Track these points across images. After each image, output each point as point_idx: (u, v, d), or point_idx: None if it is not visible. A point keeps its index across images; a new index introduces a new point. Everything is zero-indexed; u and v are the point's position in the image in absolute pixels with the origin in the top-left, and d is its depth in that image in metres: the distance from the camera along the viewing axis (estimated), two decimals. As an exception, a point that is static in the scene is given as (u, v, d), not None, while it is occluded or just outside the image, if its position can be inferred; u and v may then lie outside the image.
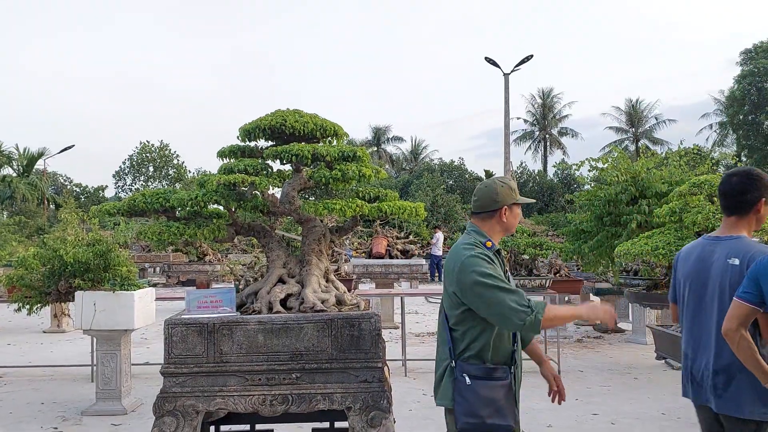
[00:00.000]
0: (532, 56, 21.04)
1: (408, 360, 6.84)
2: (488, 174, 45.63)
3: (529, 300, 2.30)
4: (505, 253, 6.82)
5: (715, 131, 41.01)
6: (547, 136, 48.78)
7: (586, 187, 7.21)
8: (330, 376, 3.18)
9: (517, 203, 2.54)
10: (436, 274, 18.64)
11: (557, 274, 8.99)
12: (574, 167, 6.88)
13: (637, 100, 46.57)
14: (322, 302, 3.27)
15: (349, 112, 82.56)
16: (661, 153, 8.13)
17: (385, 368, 3.61)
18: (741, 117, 37.40)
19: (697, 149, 8.29)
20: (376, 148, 50.36)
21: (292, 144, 3.17)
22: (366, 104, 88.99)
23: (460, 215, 22.03)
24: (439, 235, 18.80)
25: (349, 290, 6.97)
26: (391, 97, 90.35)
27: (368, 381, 3.20)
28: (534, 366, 2.77)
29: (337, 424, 3.57)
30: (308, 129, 3.27)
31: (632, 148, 43.44)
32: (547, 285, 6.69)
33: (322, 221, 3.55)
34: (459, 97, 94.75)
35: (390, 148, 51.69)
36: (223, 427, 3.70)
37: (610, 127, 47.20)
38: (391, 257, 9.73)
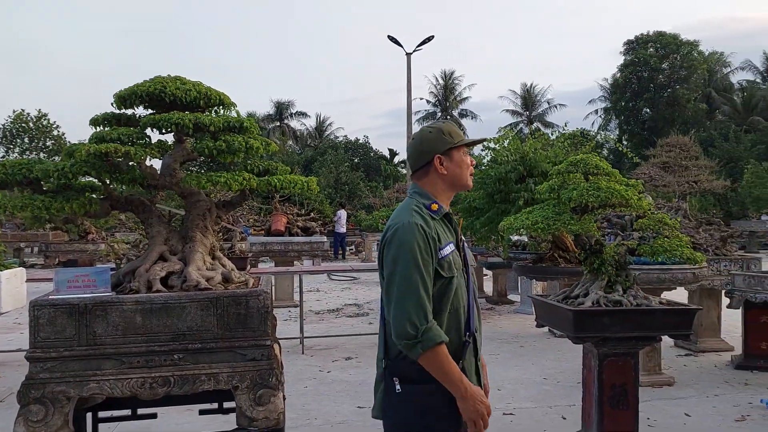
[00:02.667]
0: (433, 37, 21.32)
1: (305, 337, 6.80)
2: (392, 153, 46.15)
3: (427, 324, 1.93)
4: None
5: (600, 116, 43.70)
6: (449, 117, 49.89)
7: (483, 167, 7.43)
8: (215, 356, 3.07)
9: (454, 147, 2.11)
10: (340, 252, 18.68)
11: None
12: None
13: (531, 85, 48.68)
14: (207, 280, 3.14)
15: (250, 84, 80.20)
16: (552, 135, 8.52)
17: (275, 346, 3.55)
18: (623, 103, 40.10)
19: (580, 132, 8.75)
20: (278, 123, 49.33)
21: (172, 112, 2.99)
22: (268, 78, 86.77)
23: (363, 192, 22.15)
24: (342, 213, 18.80)
25: (243, 269, 6.80)
26: (296, 72, 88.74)
27: (256, 359, 3.13)
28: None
29: (226, 404, 3.48)
30: (191, 97, 3.09)
31: (526, 130, 45.48)
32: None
33: (208, 195, 3.40)
34: (365, 76, 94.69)
35: (294, 124, 50.81)
36: (101, 414, 3.51)
37: (507, 110, 49.14)
38: (291, 235, 9.58)
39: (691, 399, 4.90)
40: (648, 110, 39.32)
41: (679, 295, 8.08)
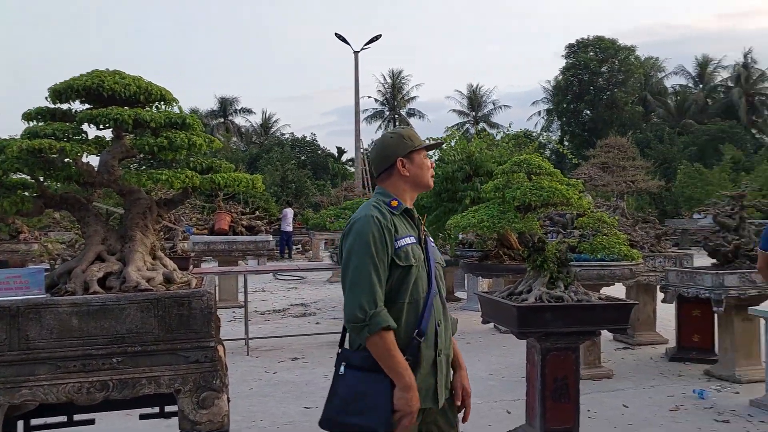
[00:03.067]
0: (380, 36, 21.38)
1: (251, 338, 6.69)
2: (340, 151, 46.00)
3: (376, 309, 1.98)
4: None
5: (543, 118, 44.87)
6: (396, 116, 50.15)
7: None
8: (156, 359, 2.98)
9: (416, 150, 2.22)
10: (286, 251, 18.48)
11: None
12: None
13: (477, 86, 49.50)
14: (148, 281, 3.04)
15: (193, 79, 78.36)
16: (497, 136, 8.68)
17: (219, 347, 3.48)
18: (564, 105, 41.28)
19: (524, 132, 8.95)
20: (222, 120, 48.39)
21: (110, 107, 2.87)
22: (212, 73, 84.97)
23: (310, 191, 21.95)
24: (288, 211, 18.60)
25: (186, 268, 6.63)
26: (241, 67, 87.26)
27: (199, 361, 3.05)
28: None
29: (168, 408, 3.38)
30: (130, 92, 2.98)
31: (473, 130, 46.21)
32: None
33: (148, 193, 3.29)
34: (312, 74, 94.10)
35: (239, 121, 49.94)
36: (34, 421, 3.35)
37: (454, 110, 49.83)
38: (235, 234, 9.41)
39: (628, 390, 5.09)
40: (588, 112, 40.62)
41: (617, 291, 8.39)
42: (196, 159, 3.37)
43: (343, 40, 21.48)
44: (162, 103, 3.22)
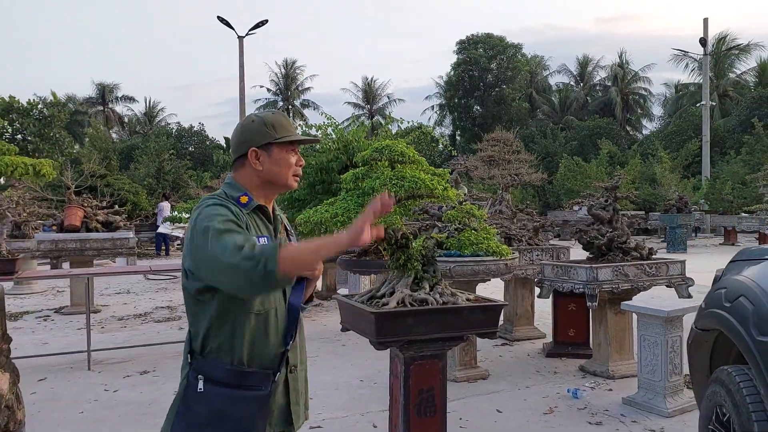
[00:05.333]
0: (267, 21, 20.42)
1: (93, 350, 5.82)
2: (228, 142, 44.13)
3: (259, 247, 1.68)
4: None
5: (435, 112, 45.57)
6: (290, 106, 49.00)
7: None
8: None
9: (276, 143, 1.87)
10: (163, 248, 17.17)
11: (277, 245, 8.68)
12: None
13: (372, 79, 49.43)
14: None
15: (67, 64, 72.52)
16: (393, 129, 8.28)
17: (3, 376, 2.76)
18: (456, 100, 42.12)
19: (419, 126, 8.63)
20: (101, 108, 45.00)
21: None
22: (89, 58, 79.09)
23: (188, 183, 20.53)
24: (165, 205, 17.30)
25: (11, 273, 5.63)
26: (121, 53, 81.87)
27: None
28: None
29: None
30: None
31: (368, 123, 46.08)
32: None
33: None
34: (204, 62, 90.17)
35: (120, 109, 46.65)
36: None
37: (349, 103, 49.41)
38: (88, 230, 8.35)
39: (503, 393, 4.82)
40: (478, 107, 41.69)
41: (497, 286, 8.28)
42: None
43: (227, 24, 20.32)
44: None
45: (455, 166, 7.00)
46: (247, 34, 20.76)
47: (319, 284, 10.31)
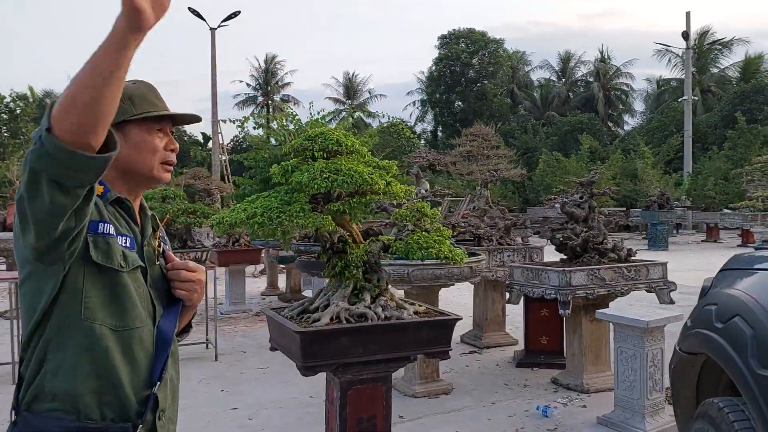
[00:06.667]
0: (239, 12, 19.77)
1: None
2: (205, 137, 43.26)
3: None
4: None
5: (417, 108, 45.08)
6: (270, 101, 48.22)
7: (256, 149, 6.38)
8: None
9: (137, 121, 1.46)
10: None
11: (236, 244, 8.14)
12: (236, 123, 5.98)
13: (353, 74, 48.83)
14: None
15: (42, 58, 70.99)
16: (373, 125, 7.75)
17: None
18: (438, 96, 41.66)
19: (401, 121, 8.12)
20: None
21: None
22: (65, 53, 77.52)
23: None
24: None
25: None
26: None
27: None
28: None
29: None
30: None
31: (350, 119, 45.46)
32: (205, 258, 5.74)
33: None
34: (185, 58, 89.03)
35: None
36: None
37: (330, 98, 48.71)
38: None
39: (465, 411, 4.33)
40: (460, 103, 41.26)
41: (466, 289, 7.80)
42: None
43: (198, 15, 19.62)
44: None
45: (417, 160, 6.50)
46: (219, 26, 20.11)
47: (282, 285, 9.77)
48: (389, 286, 3.07)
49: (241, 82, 47.17)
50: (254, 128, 6.64)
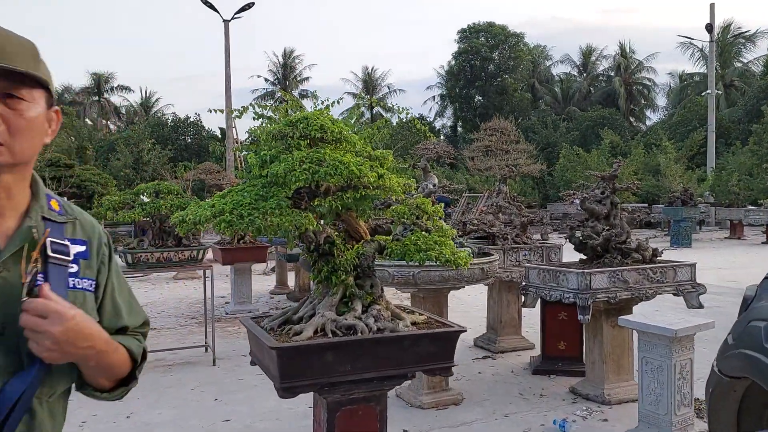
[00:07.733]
0: (253, 4, 19.54)
1: None
2: (223, 132, 43.23)
3: None
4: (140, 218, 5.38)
5: (437, 103, 44.57)
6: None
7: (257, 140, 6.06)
8: None
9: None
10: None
11: (241, 241, 7.87)
12: (234, 114, 5.64)
13: (372, 69, 48.45)
14: None
15: (61, 53, 71.84)
16: (393, 121, 7.40)
17: None
18: (457, 90, 41.10)
19: (419, 117, 7.78)
20: (97, 98, 44.23)
21: None
22: (84, 48, 78.38)
23: (163, 175, 19.63)
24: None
25: None
26: (120, 44, 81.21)
27: None
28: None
29: None
30: None
31: (368, 114, 45.08)
32: (201, 257, 5.48)
33: None
34: (205, 54, 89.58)
35: (116, 99, 45.87)
36: None
37: (349, 93, 48.39)
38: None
39: (475, 425, 3.99)
40: (480, 98, 40.67)
41: (479, 290, 7.41)
42: None
43: (211, 6, 19.43)
44: None
45: (425, 152, 6.14)
46: (233, 18, 19.89)
47: (291, 284, 9.48)
48: (384, 293, 2.74)
49: (259, 77, 47.03)
50: (254, 119, 6.29)
